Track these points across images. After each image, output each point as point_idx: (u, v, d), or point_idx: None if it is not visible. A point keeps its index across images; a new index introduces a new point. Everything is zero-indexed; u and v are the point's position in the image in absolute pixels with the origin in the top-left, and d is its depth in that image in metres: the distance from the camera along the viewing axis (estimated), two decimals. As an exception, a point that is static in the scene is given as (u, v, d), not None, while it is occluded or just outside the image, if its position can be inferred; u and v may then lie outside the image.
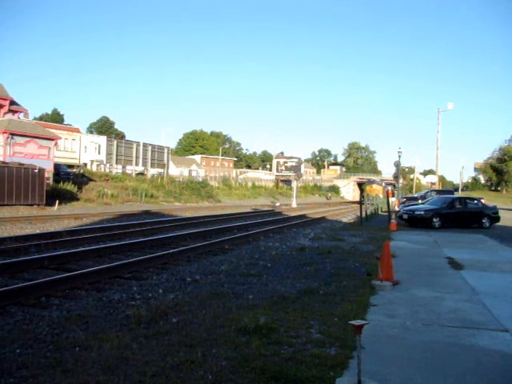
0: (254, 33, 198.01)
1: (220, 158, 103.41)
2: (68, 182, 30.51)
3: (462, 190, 77.87)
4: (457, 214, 20.57)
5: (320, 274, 8.52)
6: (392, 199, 27.50)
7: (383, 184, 54.29)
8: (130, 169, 46.86)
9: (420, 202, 27.60)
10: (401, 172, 44.08)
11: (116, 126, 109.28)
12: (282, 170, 60.71)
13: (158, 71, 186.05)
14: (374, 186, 53.38)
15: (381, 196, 46.88)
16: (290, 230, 17.38)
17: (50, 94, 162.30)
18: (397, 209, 25.59)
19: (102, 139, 51.31)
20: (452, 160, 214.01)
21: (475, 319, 5.77)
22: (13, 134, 27.09)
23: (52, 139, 29.90)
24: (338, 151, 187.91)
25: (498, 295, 7.21)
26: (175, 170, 72.88)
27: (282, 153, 75.39)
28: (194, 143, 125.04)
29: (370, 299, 6.61)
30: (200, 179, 53.40)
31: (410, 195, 50.67)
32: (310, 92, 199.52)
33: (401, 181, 53.15)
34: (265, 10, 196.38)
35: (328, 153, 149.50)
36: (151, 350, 4.35)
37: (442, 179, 79.98)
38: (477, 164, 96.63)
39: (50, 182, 28.30)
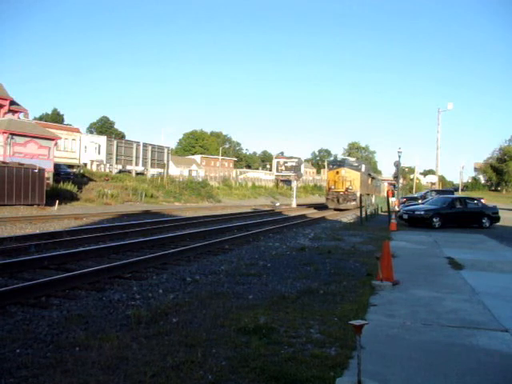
0: (254, 33, 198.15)
1: (220, 158, 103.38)
2: (68, 181, 30.51)
3: (462, 190, 77.86)
4: (457, 214, 20.57)
5: (320, 274, 8.52)
6: (392, 199, 27.32)
7: (362, 168, 34.91)
8: (129, 169, 46.89)
9: (420, 201, 27.57)
10: (401, 172, 42.80)
11: (116, 126, 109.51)
12: (282, 169, 60.37)
13: (157, 71, 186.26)
14: (344, 171, 32.61)
15: (357, 191, 31.97)
16: (290, 230, 17.38)
17: (50, 94, 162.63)
18: (397, 209, 25.61)
19: (102, 139, 51.37)
20: (452, 160, 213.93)
21: (475, 319, 5.77)
22: (13, 134, 27.09)
23: (52, 139, 29.90)
24: (338, 151, 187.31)
25: (498, 295, 7.21)
26: (175, 170, 72.90)
27: (282, 153, 75.53)
28: (194, 143, 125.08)
29: (369, 299, 6.61)
30: (200, 179, 53.42)
31: (409, 195, 50.12)
32: (311, 92, 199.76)
33: (401, 181, 51.74)
34: (265, 10, 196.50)
35: (328, 153, 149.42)
36: (151, 350, 4.35)
37: (442, 179, 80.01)
38: (477, 164, 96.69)
39: (50, 182, 28.31)
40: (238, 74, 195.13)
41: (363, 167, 36.09)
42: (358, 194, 31.17)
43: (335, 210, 32.38)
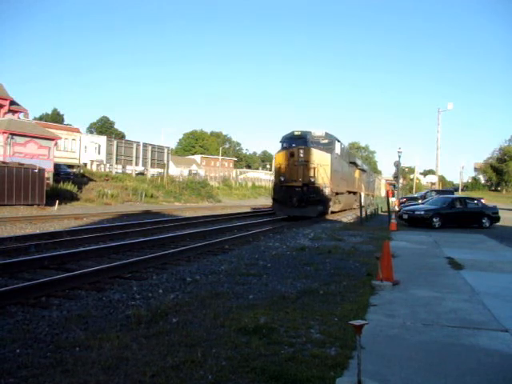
0: (253, 33, 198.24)
1: (220, 158, 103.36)
2: (68, 181, 30.51)
3: (462, 190, 77.88)
4: (457, 214, 20.57)
5: (320, 274, 8.52)
6: (392, 199, 27.25)
7: (336, 149, 22.29)
8: (130, 169, 46.86)
9: (420, 201, 27.57)
10: (401, 172, 42.68)
11: (116, 126, 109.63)
12: (281, 169, 59.91)
13: (157, 71, 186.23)
14: (303, 152, 20.31)
15: (326, 185, 20.53)
16: (290, 230, 17.37)
17: (50, 94, 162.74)
18: (397, 209, 25.61)
19: (102, 139, 51.43)
20: (452, 160, 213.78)
21: (475, 319, 5.77)
22: (13, 134, 27.08)
23: (52, 139, 29.89)
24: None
25: (498, 295, 7.20)
26: (175, 170, 72.87)
27: (281, 153, 75.18)
28: (194, 143, 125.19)
29: (369, 299, 6.60)
30: (200, 179, 53.38)
31: (409, 195, 50.07)
32: (310, 92, 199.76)
33: (401, 181, 51.66)
34: (264, 10, 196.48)
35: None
36: (151, 350, 4.34)
37: (442, 179, 79.96)
38: (477, 164, 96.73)
39: (50, 182, 28.30)
40: (237, 74, 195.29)
41: (337, 147, 22.49)
42: (327, 191, 20.50)
43: (289, 217, 21.06)
